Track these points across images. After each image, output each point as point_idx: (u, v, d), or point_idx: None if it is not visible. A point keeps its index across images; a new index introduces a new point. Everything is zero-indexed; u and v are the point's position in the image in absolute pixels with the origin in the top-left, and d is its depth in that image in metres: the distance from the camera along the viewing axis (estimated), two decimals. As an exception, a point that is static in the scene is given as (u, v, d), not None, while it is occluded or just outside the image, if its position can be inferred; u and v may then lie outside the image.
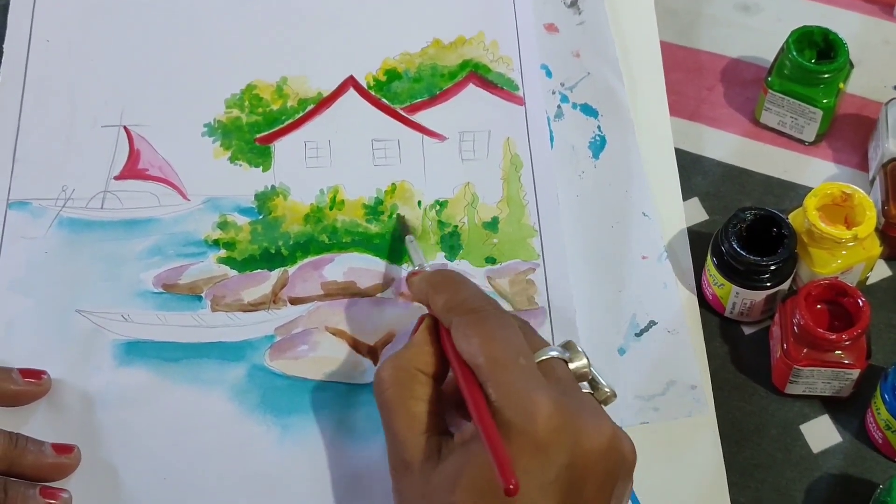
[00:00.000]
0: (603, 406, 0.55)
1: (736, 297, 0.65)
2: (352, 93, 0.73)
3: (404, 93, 0.73)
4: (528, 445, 0.50)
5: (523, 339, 0.54)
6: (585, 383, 0.56)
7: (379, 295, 0.66)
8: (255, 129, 0.72)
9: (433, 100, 0.73)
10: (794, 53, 0.70)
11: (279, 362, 0.64)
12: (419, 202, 0.69)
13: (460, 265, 0.67)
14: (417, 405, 0.55)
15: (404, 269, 0.67)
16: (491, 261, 0.68)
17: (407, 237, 0.66)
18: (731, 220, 0.65)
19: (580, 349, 0.56)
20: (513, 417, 0.50)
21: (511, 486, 0.48)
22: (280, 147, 0.71)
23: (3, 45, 0.74)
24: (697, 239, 0.69)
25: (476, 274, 0.67)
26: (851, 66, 0.72)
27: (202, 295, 0.66)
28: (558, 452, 0.50)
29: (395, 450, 0.55)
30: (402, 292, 0.66)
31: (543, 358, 0.54)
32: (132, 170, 0.70)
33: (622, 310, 0.66)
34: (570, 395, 0.53)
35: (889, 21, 0.78)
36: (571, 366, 0.55)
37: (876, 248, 0.66)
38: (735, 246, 0.64)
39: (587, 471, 0.51)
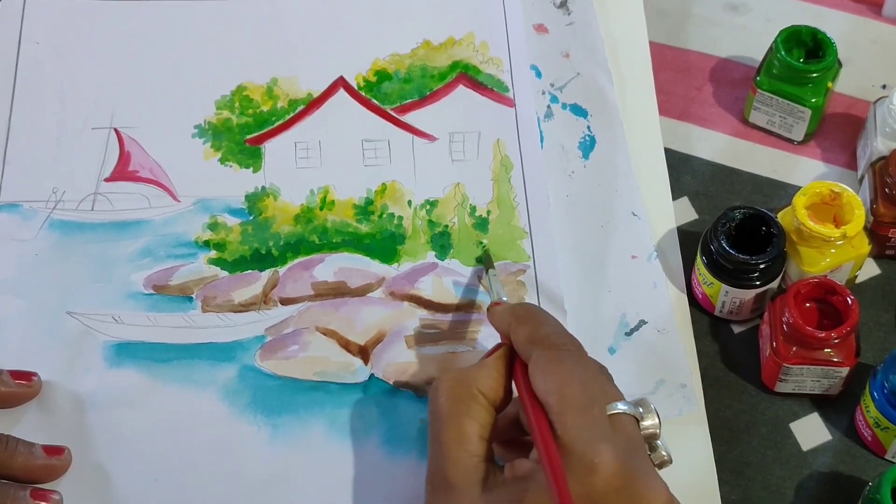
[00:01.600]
0: (658, 469, 0.54)
1: (725, 296, 0.66)
2: (342, 94, 0.73)
3: (394, 93, 0.73)
4: (584, 496, 0.49)
5: (601, 387, 0.53)
6: (647, 445, 0.54)
7: (369, 295, 0.66)
8: (245, 131, 0.72)
9: (423, 101, 0.73)
10: (783, 53, 0.70)
11: (270, 363, 0.64)
12: (409, 202, 0.69)
13: (451, 264, 0.67)
14: (471, 425, 0.54)
15: (394, 269, 0.67)
16: (482, 261, 0.68)
17: (490, 271, 0.65)
18: (721, 219, 0.65)
19: (653, 408, 0.54)
20: (576, 465, 0.49)
21: None
22: (270, 148, 0.71)
23: (-7, 48, 0.74)
24: (687, 238, 0.69)
25: (467, 273, 0.67)
26: (840, 65, 0.72)
27: (193, 296, 0.66)
28: None
29: (439, 465, 0.53)
30: (392, 292, 0.66)
31: (615, 412, 0.52)
32: (122, 172, 0.70)
33: (612, 309, 0.67)
34: (635, 455, 0.51)
35: (877, 20, 0.78)
36: (642, 424, 0.53)
37: (864, 246, 0.66)
38: (724, 245, 0.64)
39: None
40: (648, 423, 0.54)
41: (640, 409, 0.54)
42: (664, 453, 0.54)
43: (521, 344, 0.55)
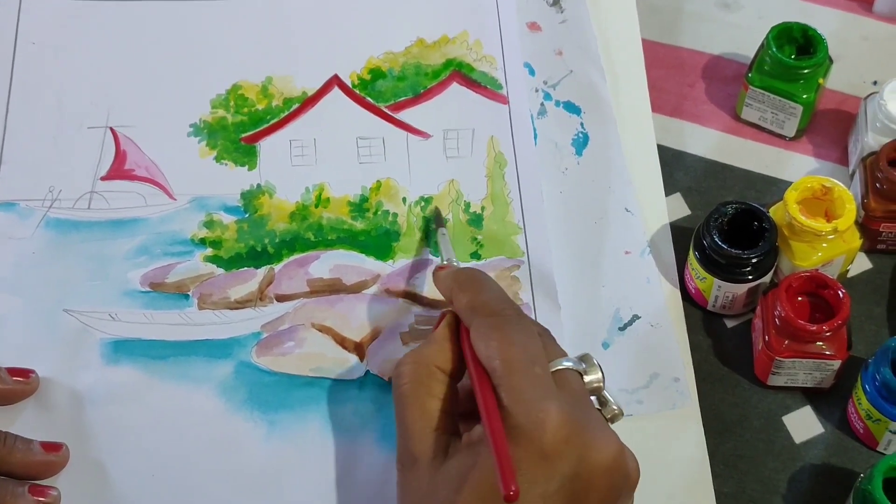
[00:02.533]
0: (610, 423, 0.55)
1: (718, 291, 0.66)
2: (336, 91, 0.73)
3: (388, 91, 0.73)
4: (535, 453, 0.50)
5: (541, 347, 0.54)
6: (594, 399, 0.56)
7: (365, 291, 0.67)
8: (240, 129, 0.72)
9: (417, 98, 0.73)
10: (774, 49, 0.71)
11: (266, 359, 0.65)
12: (404, 199, 0.70)
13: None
14: (432, 402, 0.55)
15: (389, 266, 0.68)
16: (476, 257, 0.68)
17: (440, 230, 0.66)
18: (713, 214, 0.66)
19: (596, 362, 0.55)
20: (522, 424, 0.50)
21: (511, 493, 0.48)
22: (265, 146, 0.72)
23: (-11, 48, 0.75)
24: (680, 234, 0.70)
25: (461, 270, 0.68)
26: (831, 61, 0.72)
27: (189, 293, 0.67)
28: (564, 463, 0.50)
29: (405, 443, 0.55)
30: (387, 288, 0.67)
31: (558, 368, 0.54)
32: (119, 170, 0.71)
33: (606, 304, 0.67)
34: (581, 408, 0.53)
35: (868, 17, 0.79)
36: (585, 378, 0.55)
37: (856, 240, 0.66)
38: (717, 240, 0.65)
39: (591, 484, 0.51)
40: (592, 377, 0.55)
41: (584, 364, 0.55)
42: (615, 407, 0.56)
43: (462, 311, 0.57)
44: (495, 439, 0.50)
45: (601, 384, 0.55)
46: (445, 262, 0.64)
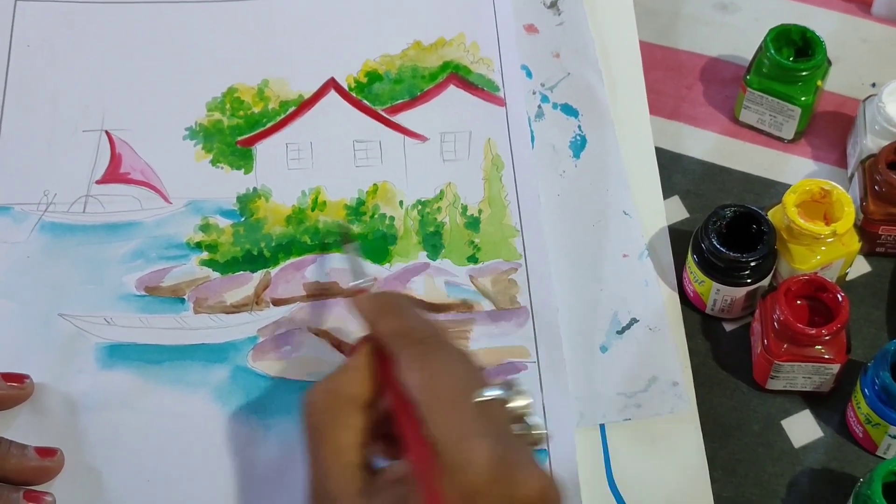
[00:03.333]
0: (534, 446, 0.54)
1: (716, 294, 0.66)
2: (333, 94, 0.73)
3: (385, 94, 0.73)
4: (462, 492, 0.49)
5: (469, 379, 0.52)
6: (519, 425, 0.54)
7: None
8: (236, 132, 0.72)
9: (414, 101, 0.73)
10: (773, 52, 0.71)
11: (262, 363, 0.64)
12: (401, 202, 0.70)
13: (442, 264, 0.68)
14: (346, 434, 0.52)
15: (385, 269, 0.67)
16: (473, 260, 0.68)
17: (348, 246, 0.64)
18: (711, 217, 0.66)
19: (523, 389, 0.54)
20: (449, 462, 0.49)
21: None
22: (262, 149, 0.71)
23: (-16, 51, 0.74)
24: (678, 237, 0.70)
25: (458, 273, 0.67)
26: (829, 63, 0.72)
27: (185, 297, 0.66)
28: (490, 503, 0.49)
29: (320, 480, 0.52)
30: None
31: (483, 399, 0.52)
32: (114, 174, 0.70)
33: (604, 308, 0.67)
34: (507, 442, 0.51)
35: (866, 19, 0.78)
36: (511, 405, 0.53)
37: (855, 243, 0.66)
38: (715, 243, 0.64)
39: None
40: (518, 403, 0.53)
41: (509, 392, 0.53)
42: (538, 431, 0.54)
43: (387, 338, 0.54)
44: (425, 478, 0.48)
45: (528, 410, 0.53)
46: (360, 285, 0.61)
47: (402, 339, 0.53)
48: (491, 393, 0.52)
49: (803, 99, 0.71)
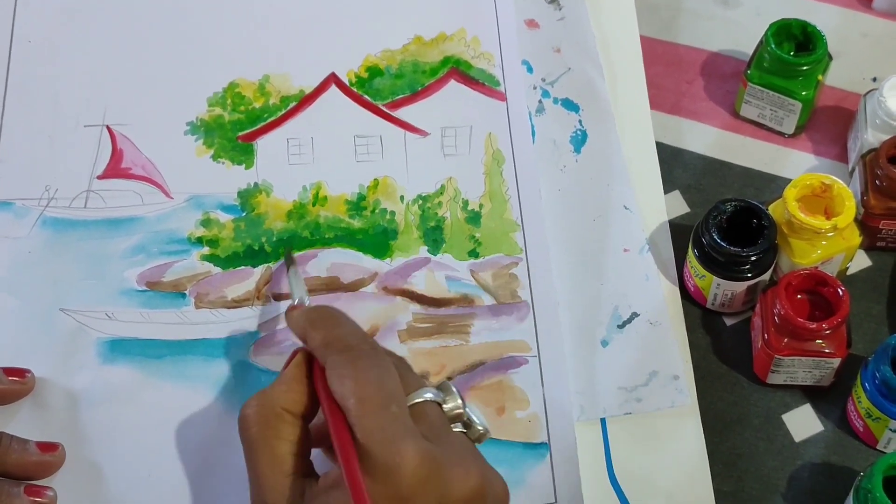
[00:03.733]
0: (477, 444, 0.54)
1: (717, 289, 0.66)
2: (334, 90, 0.73)
3: (386, 89, 0.73)
4: (393, 495, 0.49)
5: (398, 382, 0.53)
6: (459, 424, 0.55)
7: (362, 290, 0.67)
8: (237, 127, 0.72)
9: (415, 96, 0.73)
10: (773, 46, 0.70)
11: (263, 358, 0.64)
12: (401, 197, 0.70)
13: (443, 258, 0.68)
14: (282, 445, 0.53)
15: (386, 264, 0.67)
16: (474, 255, 0.68)
17: (290, 270, 0.65)
18: (712, 211, 0.66)
19: (454, 389, 0.54)
20: (379, 465, 0.49)
21: None
22: (262, 144, 0.71)
23: (-15, 46, 0.74)
24: (679, 231, 0.70)
25: (459, 268, 0.67)
26: (830, 58, 0.72)
27: (186, 292, 0.66)
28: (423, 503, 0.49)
29: (258, 491, 0.53)
30: (385, 287, 0.67)
31: (416, 401, 0.53)
32: (115, 169, 0.70)
33: (604, 302, 0.67)
34: (441, 440, 0.51)
35: (867, 13, 0.78)
36: (445, 407, 0.54)
37: (855, 238, 0.66)
38: (716, 237, 0.64)
39: None
40: (451, 405, 0.54)
41: (441, 394, 0.54)
42: (480, 428, 0.55)
43: (317, 349, 0.55)
44: (352, 482, 0.48)
45: (461, 409, 0.54)
46: (297, 303, 0.62)
47: (330, 348, 0.54)
48: (424, 395, 0.53)
49: (804, 93, 0.71)
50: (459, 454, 0.52)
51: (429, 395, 0.53)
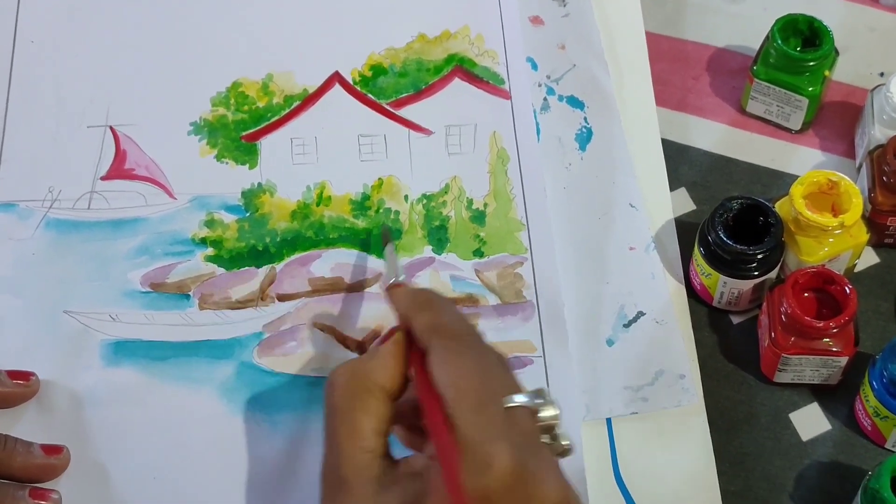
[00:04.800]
0: (559, 459, 0.53)
1: (724, 287, 0.65)
2: (337, 88, 0.73)
3: (390, 88, 0.73)
4: (479, 495, 0.48)
5: (500, 381, 0.52)
6: (547, 436, 0.53)
7: (366, 290, 0.66)
8: (241, 127, 0.72)
9: (419, 94, 0.73)
10: (779, 42, 0.70)
11: (268, 359, 0.64)
12: (406, 196, 0.69)
13: (448, 258, 0.67)
14: (366, 420, 0.52)
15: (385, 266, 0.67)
16: (479, 254, 0.68)
17: (388, 246, 0.64)
18: (718, 209, 0.65)
19: (552, 398, 0.53)
20: (471, 462, 0.48)
21: None
22: (266, 144, 0.71)
23: (-12, 47, 0.74)
24: (685, 229, 0.69)
25: (464, 267, 0.67)
26: (837, 53, 0.72)
27: (190, 293, 0.66)
28: None
29: (334, 461, 0.52)
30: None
31: (512, 405, 0.51)
32: (119, 170, 0.70)
33: (610, 301, 0.66)
34: (531, 450, 0.50)
35: (874, 8, 0.78)
36: (540, 415, 0.52)
37: (863, 235, 0.66)
38: (722, 235, 0.64)
39: None
40: (547, 413, 0.52)
41: (538, 400, 0.52)
42: (566, 443, 0.53)
43: (421, 332, 0.53)
44: (451, 473, 0.48)
45: (556, 421, 0.53)
46: (397, 281, 0.60)
47: (437, 333, 0.53)
48: (520, 399, 0.51)
49: (811, 89, 0.70)
50: (546, 467, 0.50)
51: (524, 400, 0.51)
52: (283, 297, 0.66)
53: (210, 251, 0.68)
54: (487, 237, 0.68)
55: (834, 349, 0.62)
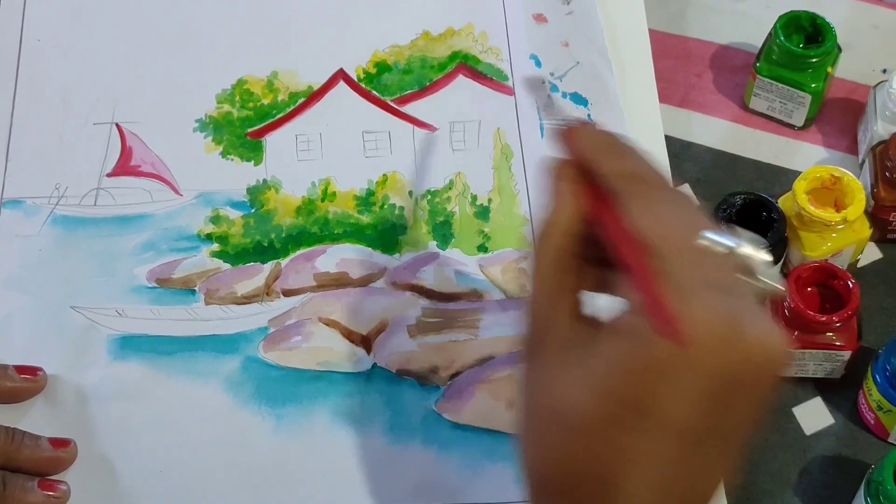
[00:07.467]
0: (762, 300, 0.47)
1: (727, 282, 0.66)
2: (342, 85, 0.73)
3: (394, 85, 0.73)
4: (695, 345, 0.42)
5: (698, 225, 0.46)
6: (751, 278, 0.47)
7: (371, 285, 0.67)
8: (246, 124, 0.72)
9: (423, 91, 0.73)
10: (782, 38, 0.70)
11: (273, 353, 0.65)
12: (410, 192, 0.70)
13: (452, 253, 0.68)
14: (568, 279, 0.47)
15: (395, 259, 0.67)
16: (483, 249, 0.68)
17: (544, 84, 0.58)
18: (721, 205, 0.66)
19: (750, 236, 0.47)
20: (676, 314, 0.43)
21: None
22: (271, 141, 0.71)
23: (-5, 45, 0.75)
24: (688, 225, 0.69)
25: (468, 262, 0.67)
26: (839, 50, 0.72)
27: (196, 289, 0.67)
28: (715, 361, 0.43)
29: (538, 326, 0.47)
30: (394, 282, 0.67)
31: (710, 241, 0.45)
32: (124, 166, 0.71)
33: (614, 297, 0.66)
34: (736, 293, 0.44)
35: (877, 5, 0.78)
36: (739, 251, 0.46)
37: (865, 230, 0.66)
38: (725, 230, 0.64)
39: (742, 387, 0.44)
40: (748, 251, 0.46)
41: (739, 240, 0.46)
42: (774, 285, 0.47)
43: (612, 176, 0.48)
44: (665, 323, 0.42)
45: (759, 258, 0.46)
46: (568, 123, 0.52)
47: (631, 178, 0.47)
48: (718, 238, 0.46)
49: (813, 86, 0.71)
50: (753, 313, 0.44)
51: (724, 240, 0.46)
52: (288, 293, 0.66)
53: (216, 247, 0.68)
54: (492, 232, 0.68)
55: (837, 344, 0.62)
